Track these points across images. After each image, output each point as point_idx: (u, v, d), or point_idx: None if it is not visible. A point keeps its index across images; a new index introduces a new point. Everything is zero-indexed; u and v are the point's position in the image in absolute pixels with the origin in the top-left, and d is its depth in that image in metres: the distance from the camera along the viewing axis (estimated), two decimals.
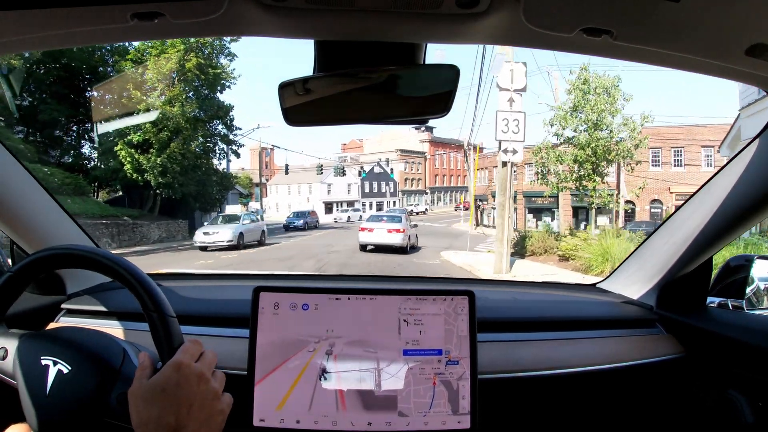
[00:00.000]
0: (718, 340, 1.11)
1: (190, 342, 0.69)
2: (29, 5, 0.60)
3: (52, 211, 1.19)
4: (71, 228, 1.25)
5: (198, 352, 0.68)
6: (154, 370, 0.66)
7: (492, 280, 1.78)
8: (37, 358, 0.71)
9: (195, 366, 0.65)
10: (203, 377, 0.65)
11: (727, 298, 1.22)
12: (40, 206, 1.15)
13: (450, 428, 0.91)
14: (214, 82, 20.33)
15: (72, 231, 1.25)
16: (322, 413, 0.90)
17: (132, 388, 0.64)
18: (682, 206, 1.18)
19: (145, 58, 19.04)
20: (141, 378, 0.65)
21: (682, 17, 0.62)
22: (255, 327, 0.92)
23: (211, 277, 1.80)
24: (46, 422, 0.70)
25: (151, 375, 0.65)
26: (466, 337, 0.94)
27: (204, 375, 0.66)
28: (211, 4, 0.61)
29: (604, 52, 0.75)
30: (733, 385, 1.08)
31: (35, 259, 0.75)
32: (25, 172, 1.09)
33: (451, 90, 0.77)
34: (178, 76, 19.03)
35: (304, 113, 0.81)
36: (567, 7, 0.63)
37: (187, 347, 0.68)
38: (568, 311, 1.28)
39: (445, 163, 61.62)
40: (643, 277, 1.30)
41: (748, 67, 0.73)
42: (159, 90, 18.86)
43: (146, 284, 0.71)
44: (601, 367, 1.10)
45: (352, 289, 0.95)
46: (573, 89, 15.57)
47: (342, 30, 0.72)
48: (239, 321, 1.09)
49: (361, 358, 0.92)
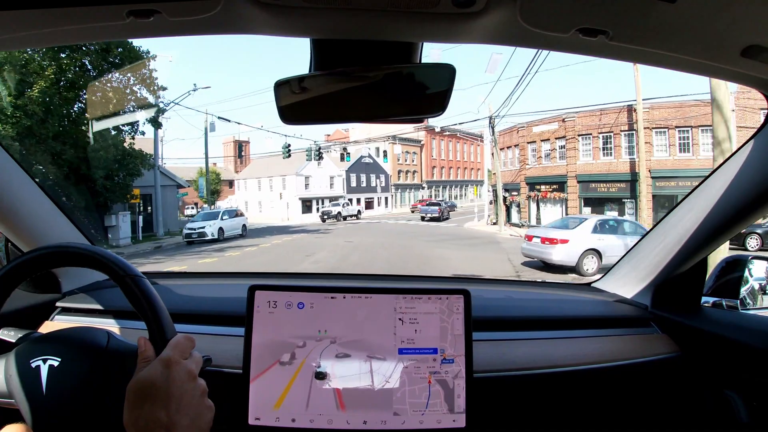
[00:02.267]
0: (712, 340, 1.12)
1: (183, 337, 0.68)
2: (27, 5, 0.59)
3: (47, 209, 1.18)
4: (66, 226, 1.25)
5: (189, 349, 0.68)
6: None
7: (487, 279, 1.79)
8: (26, 363, 0.70)
9: (184, 363, 0.65)
10: (192, 374, 0.65)
11: (722, 298, 1.23)
12: (35, 204, 1.14)
13: (445, 427, 0.91)
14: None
15: (67, 228, 1.25)
16: (318, 412, 0.90)
17: (130, 383, 0.64)
18: (677, 206, 1.18)
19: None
20: (141, 364, 0.65)
21: (678, 18, 0.63)
22: (250, 326, 0.92)
23: (207, 275, 1.80)
24: (45, 420, 0.69)
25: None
26: (461, 335, 0.94)
27: (192, 372, 0.65)
28: (207, 2, 0.61)
29: (600, 52, 0.75)
30: (728, 385, 1.09)
31: (26, 260, 0.73)
32: (19, 170, 1.09)
33: (447, 89, 0.77)
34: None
35: (300, 111, 0.81)
36: (563, 8, 0.63)
37: (178, 342, 0.67)
38: (564, 310, 1.29)
39: (443, 153, 51.29)
40: (638, 277, 1.30)
41: (743, 69, 0.73)
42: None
43: (138, 281, 0.71)
44: (595, 365, 1.10)
45: (348, 288, 0.95)
46: None
47: (338, 28, 0.72)
48: (235, 319, 1.09)
49: (357, 356, 0.92)
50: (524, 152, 24.04)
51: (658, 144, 17.59)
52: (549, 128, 22.48)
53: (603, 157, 18.61)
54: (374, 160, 44.10)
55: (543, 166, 22.97)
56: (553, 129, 22.15)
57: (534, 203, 23.53)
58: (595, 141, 19.32)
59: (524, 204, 24.15)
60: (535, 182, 23.28)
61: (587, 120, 18.79)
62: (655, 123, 17.21)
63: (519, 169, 24.46)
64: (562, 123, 21.62)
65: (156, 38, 0.73)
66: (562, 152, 21.49)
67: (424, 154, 49.19)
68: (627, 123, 17.71)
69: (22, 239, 1.14)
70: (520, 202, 24.50)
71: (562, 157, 21.51)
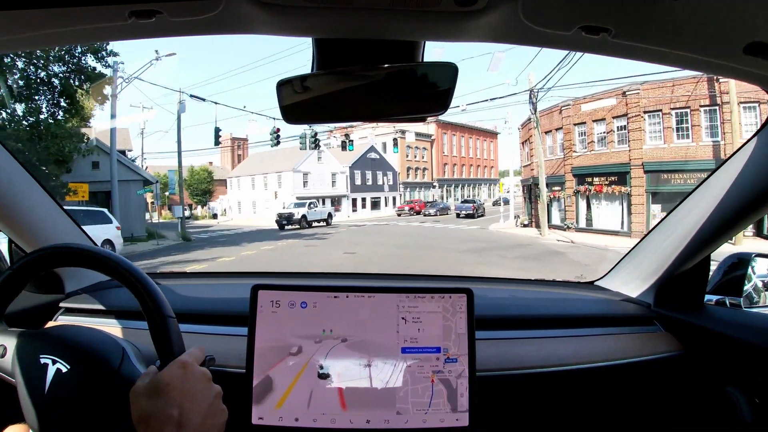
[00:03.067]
0: (716, 338, 1.12)
1: (196, 348, 0.72)
2: (28, 5, 0.59)
3: (50, 210, 1.19)
4: (69, 226, 1.25)
5: (202, 359, 0.71)
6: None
7: (490, 278, 1.79)
8: (36, 357, 0.71)
9: (199, 367, 0.68)
10: (207, 376, 0.68)
11: (725, 296, 1.23)
12: (38, 205, 1.14)
13: (448, 426, 0.91)
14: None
15: (70, 229, 1.25)
16: (321, 411, 0.90)
17: (134, 387, 0.65)
18: (680, 203, 1.18)
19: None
20: (144, 378, 0.66)
21: (681, 15, 0.62)
22: (254, 325, 0.92)
23: (210, 275, 1.81)
24: (45, 421, 0.70)
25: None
26: (464, 334, 0.94)
27: (207, 374, 0.68)
28: (209, 2, 0.61)
29: (603, 50, 0.74)
30: (731, 383, 1.09)
31: (37, 256, 0.75)
32: (23, 171, 1.09)
33: (449, 87, 0.77)
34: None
35: (302, 111, 0.81)
36: (565, 5, 0.63)
37: (193, 351, 0.70)
38: (567, 309, 1.29)
39: (455, 149, 47.68)
40: (641, 275, 1.30)
41: (746, 66, 0.73)
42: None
43: (146, 284, 0.72)
44: (599, 364, 1.10)
45: (351, 287, 0.95)
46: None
47: (340, 28, 0.72)
48: (238, 319, 1.09)
49: (360, 356, 0.92)
50: (570, 137, 18.93)
51: (747, 123, 12.91)
52: (604, 105, 17.87)
53: (677, 140, 14.18)
54: (381, 155, 39.90)
55: (596, 154, 18.30)
56: (610, 106, 17.57)
57: (583, 200, 19.07)
58: (666, 119, 14.96)
59: (570, 201, 19.36)
60: (585, 174, 18.66)
61: (656, 93, 14.43)
62: (744, 96, 12.73)
63: (563, 159, 19.36)
64: (621, 98, 17.02)
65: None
66: (622, 135, 16.99)
67: (435, 149, 45.53)
68: (708, 95, 13.49)
69: (25, 239, 1.14)
70: (564, 199, 19.66)
71: (622, 140, 16.94)
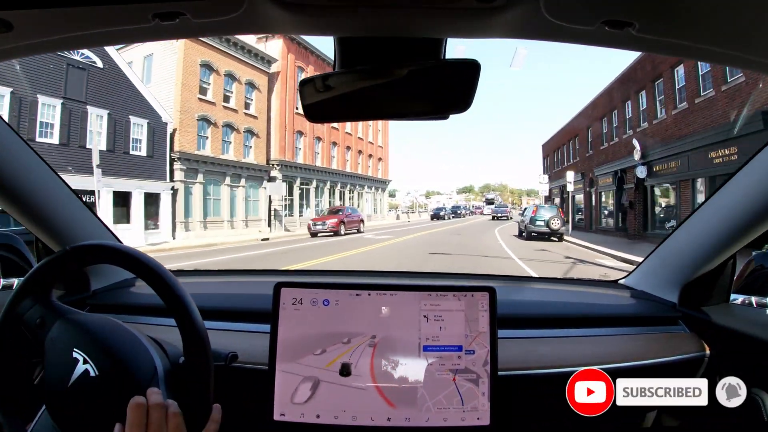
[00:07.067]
0: (741, 338, 1.09)
1: (216, 411, 0.75)
2: (49, 4, 0.60)
3: (76, 208, 1.21)
4: (96, 225, 1.28)
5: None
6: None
7: (513, 276, 1.78)
8: (69, 348, 0.73)
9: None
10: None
11: (751, 296, 1.20)
12: (64, 203, 1.17)
13: (469, 424, 0.91)
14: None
15: (97, 228, 1.28)
16: (342, 408, 0.91)
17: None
18: (704, 203, 1.16)
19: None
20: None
21: (708, 7, 0.61)
22: (276, 322, 0.93)
23: (233, 272, 1.83)
24: (56, 409, 0.72)
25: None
26: (486, 333, 0.94)
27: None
28: (231, 2, 0.62)
29: (627, 45, 0.73)
30: (756, 384, 1.06)
31: (89, 246, 0.78)
32: (48, 170, 1.11)
33: (471, 85, 0.77)
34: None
35: (325, 109, 0.82)
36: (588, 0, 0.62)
37: (214, 415, 0.75)
38: (590, 308, 1.27)
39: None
40: (665, 274, 1.27)
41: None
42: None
43: (183, 300, 0.73)
44: (623, 364, 1.08)
45: (373, 285, 0.95)
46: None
47: (362, 26, 0.72)
48: (261, 316, 1.10)
49: (381, 353, 0.93)
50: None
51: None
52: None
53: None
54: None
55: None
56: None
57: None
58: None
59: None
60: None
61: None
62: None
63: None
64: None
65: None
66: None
67: (277, 95, 23.03)
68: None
69: (54, 238, 1.17)
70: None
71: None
